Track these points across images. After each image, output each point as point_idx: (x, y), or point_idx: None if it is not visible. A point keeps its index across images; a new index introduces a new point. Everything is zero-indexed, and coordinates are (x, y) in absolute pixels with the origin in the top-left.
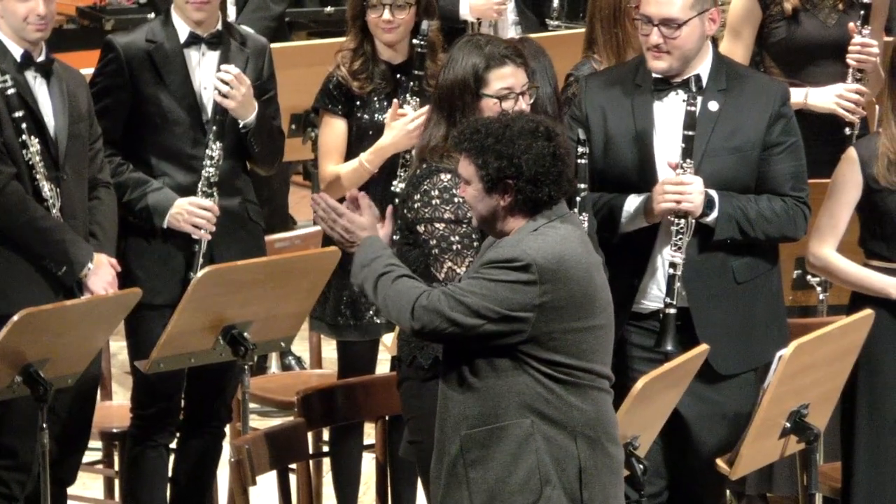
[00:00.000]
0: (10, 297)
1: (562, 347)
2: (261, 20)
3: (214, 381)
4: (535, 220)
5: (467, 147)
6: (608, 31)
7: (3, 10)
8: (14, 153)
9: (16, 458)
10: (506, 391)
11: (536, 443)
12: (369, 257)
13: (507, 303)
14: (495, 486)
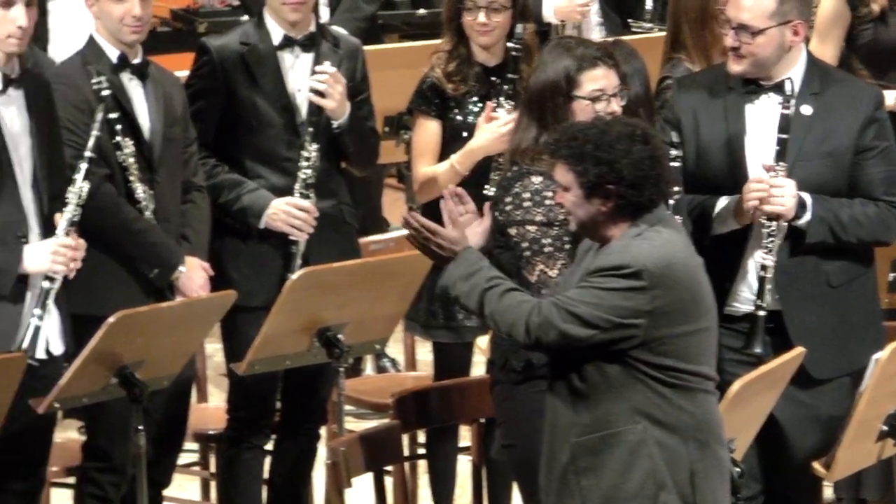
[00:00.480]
0: (102, 299)
1: (671, 352)
2: (352, 21)
3: (310, 383)
4: (637, 224)
5: (565, 154)
6: (696, 33)
7: (99, 12)
8: (107, 155)
9: (110, 461)
10: (616, 397)
11: (649, 448)
12: (468, 270)
13: (619, 311)
14: (609, 493)
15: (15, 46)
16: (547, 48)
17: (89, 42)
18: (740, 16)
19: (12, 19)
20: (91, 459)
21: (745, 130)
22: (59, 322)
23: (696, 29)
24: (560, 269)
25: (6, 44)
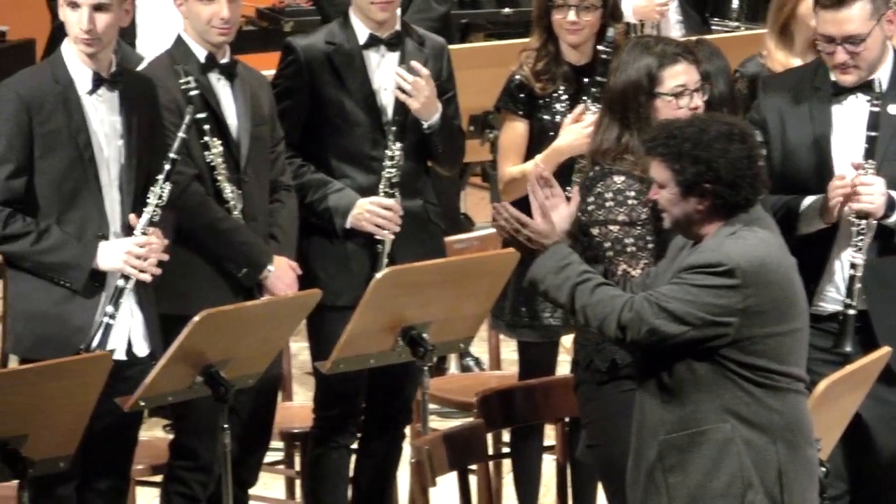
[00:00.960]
0: (190, 298)
1: (762, 351)
2: (424, 21)
3: (394, 382)
4: (732, 223)
5: (663, 152)
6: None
7: (187, 12)
8: (195, 155)
9: (197, 460)
10: (705, 396)
11: (737, 447)
12: (559, 264)
13: (711, 308)
14: (696, 491)
15: (85, 48)
16: (626, 48)
17: (177, 41)
18: (846, 28)
19: (82, 18)
20: (178, 458)
21: (831, 131)
22: (144, 324)
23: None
24: (643, 269)
25: (77, 45)
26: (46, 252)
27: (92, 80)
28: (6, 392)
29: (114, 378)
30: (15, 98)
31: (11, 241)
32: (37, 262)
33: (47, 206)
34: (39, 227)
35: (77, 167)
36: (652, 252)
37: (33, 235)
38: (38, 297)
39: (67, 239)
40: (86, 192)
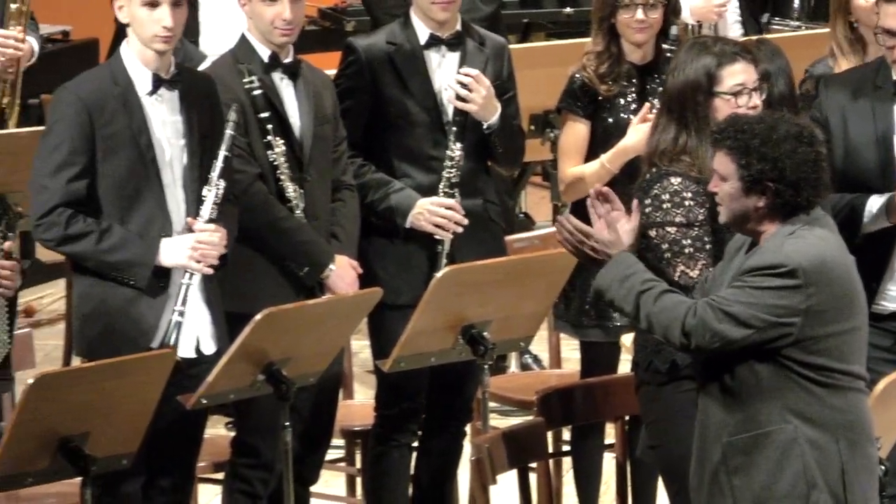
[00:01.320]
0: (252, 296)
1: (824, 351)
2: (470, 21)
3: (455, 380)
4: (791, 223)
5: (731, 145)
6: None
7: (251, 12)
8: (259, 154)
9: (258, 457)
10: (768, 397)
11: (801, 447)
12: (624, 273)
13: (774, 310)
14: (761, 493)
15: (162, 45)
16: (684, 48)
17: (241, 41)
18: None
19: (157, 19)
20: (240, 455)
21: (893, 129)
22: (212, 322)
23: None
24: (701, 270)
25: (153, 44)
26: (109, 251)
27: (152, 80)
28: (69, 390)
29: (180, 375)
30: (76, 101)
31: (74, 241)
32: (100, 262)
33: (110, 208)
34: (101, 227)
35: (139, 168)
36: (710, 253)
37: (95, 235)
38: (105, 298)
39: (130, 237)
40: (148, 193)
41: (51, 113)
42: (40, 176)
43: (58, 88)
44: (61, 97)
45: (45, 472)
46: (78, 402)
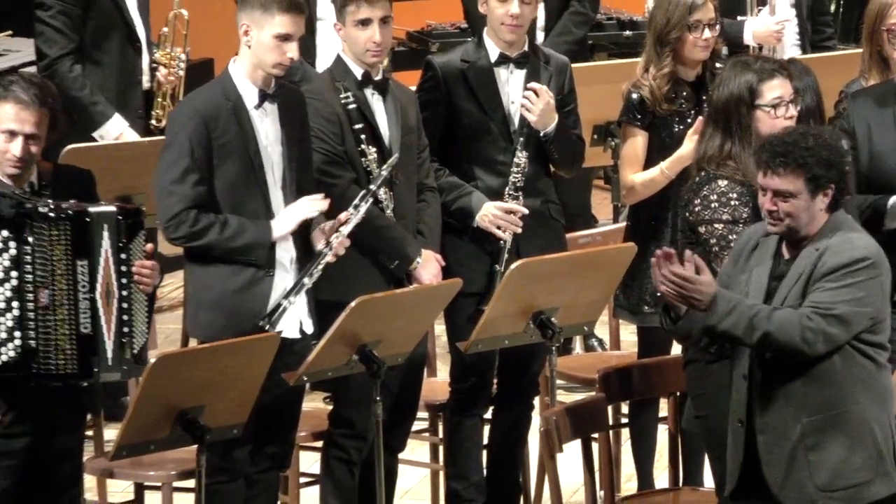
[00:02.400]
0: (348, 286)
1: (883, 329)
2: (563, 43)
3: (524, 360)
4: (834, 216)
5: (788, 162)
6: (868, 47)
7: (345, 36)
8: (354, 160)
9: (353, 428)
10: (841, 379)
11: (869, 423)
12: (729, 307)
13: (869, 301)
14: (838, 466)
15: (280, 72)
16: (728, 66)
17: (336, 61)
18: None
19: (286, 51)
20: (337, 426)
21: None
22: (307, 305)
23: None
24: None
25: (272, 69)
26: (232, 238)
27: (258, 95)
28: (186, 368)
29: (285, 353)
30: (194, 115)
31: (201, 235)
32: (226, 249)
33: (224, 206)
34: (220, 219)
35: (248, 172)
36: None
37: (218, 226)
38: (217, 286)
39: (246, 223)
40: (255, 193)
41: (171, 125)
42: (167, 182)
43: (178, 103)
44: (181, 111)
45: (165, 440)
46: (194, 379)
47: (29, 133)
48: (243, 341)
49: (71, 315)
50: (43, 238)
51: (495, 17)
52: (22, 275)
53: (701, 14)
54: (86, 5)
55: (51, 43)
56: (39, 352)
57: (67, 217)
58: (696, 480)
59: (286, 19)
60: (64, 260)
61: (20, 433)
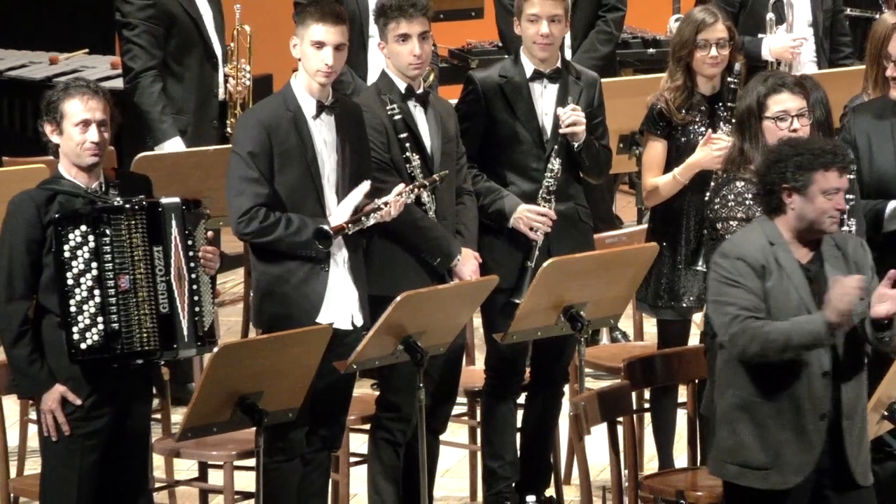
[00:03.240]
0: (394, 281)
1: None
2: (590, 59)
3: (555, 350)
4: None
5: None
6: (871, 66)
7: (389, 53)
8: (399, 167)
9: (399, 412)
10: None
11: None
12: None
13: None
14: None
15: (323, 79)
16: (753, 79)
17: (381, 76)
18: None
19: (322, 58)
20: (383, 410)
21: None
22: (359, 300)
23: (870, 63)
24: None
25: (316, 77)
26: (296, 232)
27: (316, 107)
28: (246, 357)
29: (337, 343)
30: (258, 124)
31: (271, 230)
32: (291, 242)
33: (284, 207)
34: (285, 216)
35: (306, 176)
36: None
37: (283, 222)
38: (279, 281)
39: (306, 219)
40: (312, 195)
41: (238, 133)
42: (237, 183)
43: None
44: (246, 121)
45: (227, 423)
46: (253, 367)
47: (99, 119)
48: (299, 332)
49: (150, 296)
50: (121, 229)
51: (528, 36)
52: (102, 264)
53: (708, 34)
54: (168, 25)
55: (135, 59)
56: (122, 333)
57: (142, 208)
58: None
59: (319, 28)
60: (142, 247)
61: (101, 415)
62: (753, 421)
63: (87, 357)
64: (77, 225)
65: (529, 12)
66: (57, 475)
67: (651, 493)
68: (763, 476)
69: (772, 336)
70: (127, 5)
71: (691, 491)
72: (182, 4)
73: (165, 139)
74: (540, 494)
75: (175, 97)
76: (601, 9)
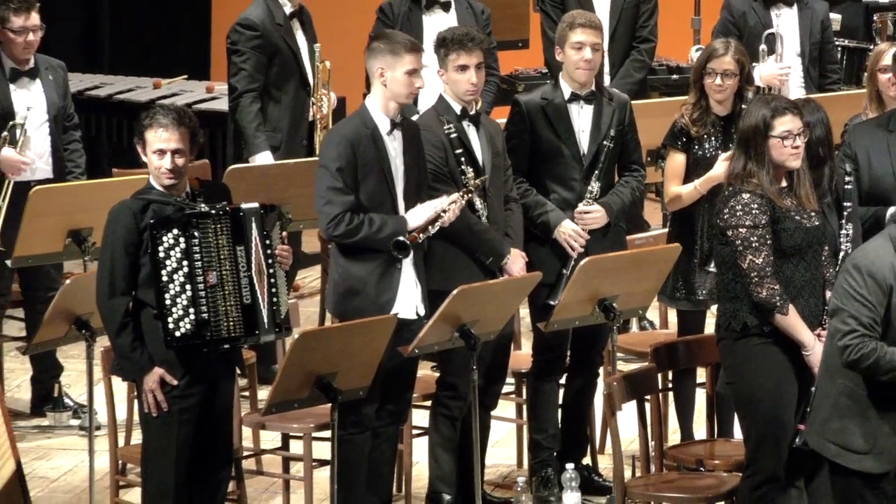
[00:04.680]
0: (451, 277)
1: None
2: (626, 84)
3: (591, 337)
4: None
5: None
6: (871, 89)
7: (447, 80)
8: (455, 177)
9: (456, 391)
10: None
11: None
12: None
13: None
14: None
15: (410, 101)
16: (753, 101)
17: (440, 99)
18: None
19: (415, 83)
20: (442, 389)
21: None
22: (421, 293)
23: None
24: (763, 258)
25: (407, 100)
26: (379, 230)
27: (389, 124)
28: (323, 343)
29: (403, 331)
30: (342, 140)
31: (357, 231)
32: (374, 241)
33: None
34: (367, 218)
35: (383, 184)
36: (770, 247)
37: (367, 223)
38: (356, 277)
39: (385, 218)
40: (387, 201)
41: (324, 148)
42: (325, 192)
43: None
44: (332, 137)
45: (306, 399)
46: (329, 351)
47: (174, 149)
48: (368, 321)
49: (235, 289)
50: (208, 231)
51: (572, 62)
52: (192, 263)
53: (716, 64)
54: (271, 55)
55: (240, 81)
56: (211, 322)
57: (226, 213)
58: (728, 433)
59: (412, 57)
60: (227, 247)
61: (193, 393)
62: (857, 409)
63: (180, 343)
64: (170, 229)
65: (574, 40)
66: (156, 445)
67: (674, 462)
68: (859, 459)
69: (881, 363)
70: (238, 35)
71: (709, 459)
72: (285, 38)
73: (257, 152)
74: (578, 462)
75: (272, 117)
76: (635, 40)
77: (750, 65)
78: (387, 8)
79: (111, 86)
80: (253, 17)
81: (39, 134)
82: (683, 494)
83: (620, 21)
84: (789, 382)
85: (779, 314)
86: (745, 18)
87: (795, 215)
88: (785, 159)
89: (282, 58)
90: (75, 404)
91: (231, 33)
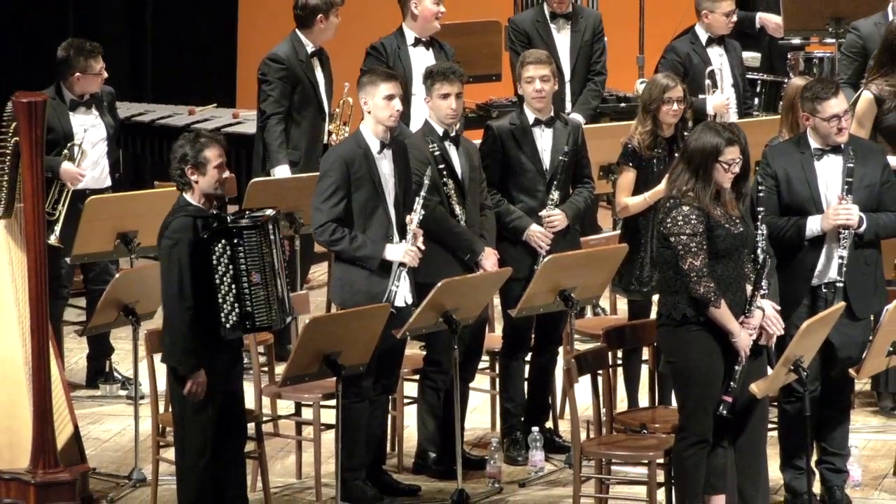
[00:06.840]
0: (435, 272)
1: None
2: (585, 110)
3: (553, 321)
4: None
5: None
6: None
7: (432, 106)
8: (439, 189)
9: (440, 366)
10: None
11: None
12: None
13: None
14: None
15: (392, 123)
16: (703, 125)
17: (425, 123)
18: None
19: (394, 106)
20: (429, 365)
21: (816, 177)
22: (409, 286)
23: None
24: (701, 261)
25: (387, 122)
26: (357, 249)
27: (380, 145)
28: (330, 326)
29: (397, 318)
30: (338, 158)
31: (337, 243)
32: (351, 256)
33: (357, 221)
34: (351, 235)
35: (374, 197)
36: (706, 252)
37: (348, 239)
38: (353, 275)
39: (367, 240)
40: (379, 212)
41: (323, 165)
42: (317, 203)
43: (327, 151)
44: (330, 156)
45: (315, 374)
46: (335, 334)
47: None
48: (366, 309)
49: (272, 286)
50: (252, 239)
51: (527, 93)
52: (237, 266)
53: (672, 93)
54: (294, 84)
55: (268, 105)
56: (254, 314)
57: (263, 224)
58: (666, 402)
59: (388, 84)
60: (266, 251)
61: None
62: None
63: (230, 333)
64: (219, 239)
65: (526, 75)
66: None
67: (622, 425)
68: None
69: None
70: (268, 67)
71: (651, 423)
72: (306, 72)
73: (278, 165)
74: (542, 426)
75: (293, 137)
76: (590, 73)
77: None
78: (379, 46)
79: (153, 112)
80: (280, 52)
81: (96, 151)
82: (629, 452)
83: (579, 59)
84: (718, 362)
85: (713, 307)
86: (689, 58)
87: (725, 223)
88: (724, 181)
89: (303, 88)
90: (123, 378)
91: (262, 66)
